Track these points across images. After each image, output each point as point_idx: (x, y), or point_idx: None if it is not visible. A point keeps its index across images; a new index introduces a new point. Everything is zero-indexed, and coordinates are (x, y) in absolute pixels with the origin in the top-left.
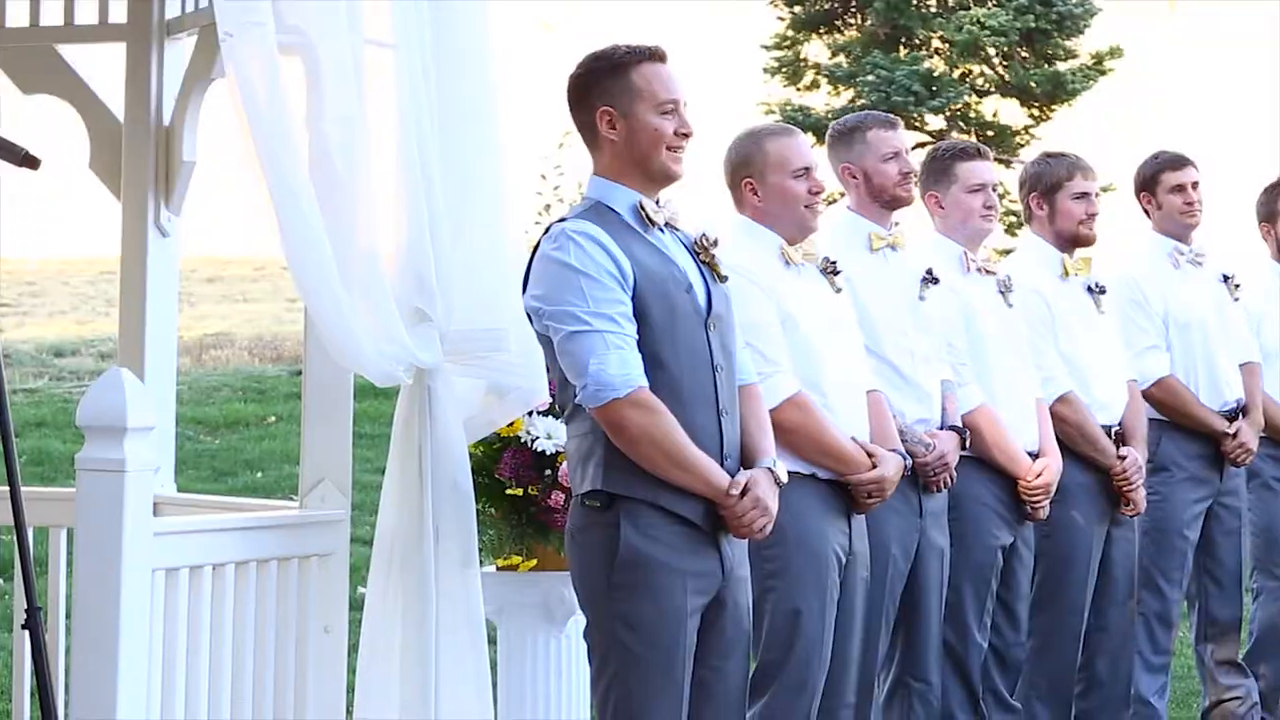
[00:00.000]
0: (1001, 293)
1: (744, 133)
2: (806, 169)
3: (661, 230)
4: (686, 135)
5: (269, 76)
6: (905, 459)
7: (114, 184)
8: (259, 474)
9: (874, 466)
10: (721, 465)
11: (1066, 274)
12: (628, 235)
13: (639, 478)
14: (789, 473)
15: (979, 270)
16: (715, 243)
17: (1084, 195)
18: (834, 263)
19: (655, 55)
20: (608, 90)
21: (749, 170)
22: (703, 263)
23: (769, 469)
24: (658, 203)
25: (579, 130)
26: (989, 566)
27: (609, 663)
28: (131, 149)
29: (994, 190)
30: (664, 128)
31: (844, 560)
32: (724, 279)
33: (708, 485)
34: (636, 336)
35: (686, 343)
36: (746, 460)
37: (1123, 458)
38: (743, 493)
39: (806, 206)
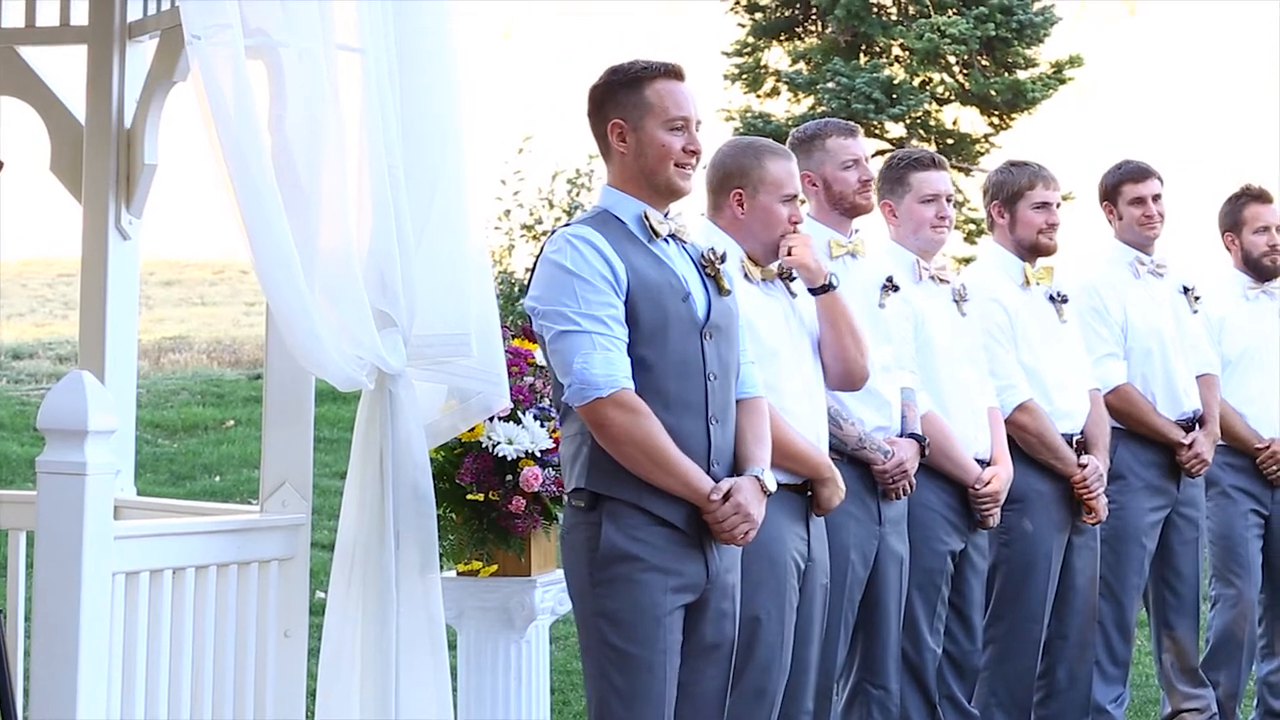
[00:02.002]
0: (956, 301)
1: (746, 144)
2: (794, 196)
3: (666, 241)
4: (694, 153)
5: (235, 79)
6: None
7: (75, 186)
8: (217, 478)
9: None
10: (708, 472)
11: (1028, 283)
12: (629, 243)
13: (623, 479)
14: None
15: (932, 279)
16: (723, 258)
17: (1044, 205)
18: (789, 270)
19: (671, 73)
20: (621, 103)
21: (743, 182)
22: (708, 275)
23: (756, 477)
24: (666, 215)
25: (595, 140)
26: (938, 572)
27: (594, 660)
28: (93, 151)
29: (948, 201)
30: (672, 144)
31: (803, 566)
32: (727, 293)
33: (688, 488)
34: (627, 340)
35: (678, 349)
36: (739, 469)
37: (1083, 466)
38: (725, 498)
39: (783, 235)
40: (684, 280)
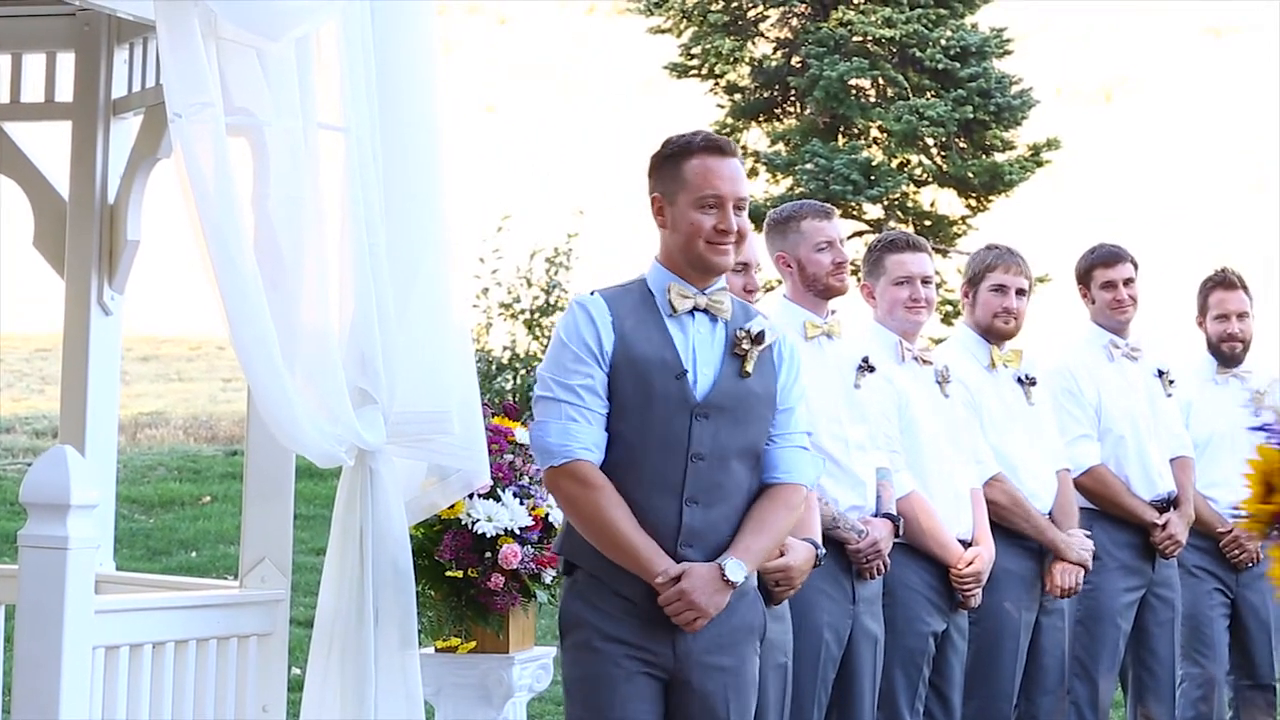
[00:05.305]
0: (939, 382)
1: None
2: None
3: (691, 316)
4: (725, 232)
5: (216, 156)
6: (819, 549)
7: (58, 261)
8: (193, 554)
9: (781, 555)
10: (676, 552)
11: (993, 365)
12: (641, 315)
13: (589, 550)
14: None
15: (915, 359)
16: (758, 338)
17: (1001, 288)
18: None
19: (714, 148)
20: (662, 178)
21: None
22: (735, 355)
23: (718, 565)
24: (704, 290)
25: None
26: (920, 653)
27: None
28: (76, 227)
29: (924, 283)
30: (701, 222)
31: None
32: (748, 375)
33: (639, 566)
34: (603, 412)
35: (659, 427)
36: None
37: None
38: (674, 582)
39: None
40: (685, 358)
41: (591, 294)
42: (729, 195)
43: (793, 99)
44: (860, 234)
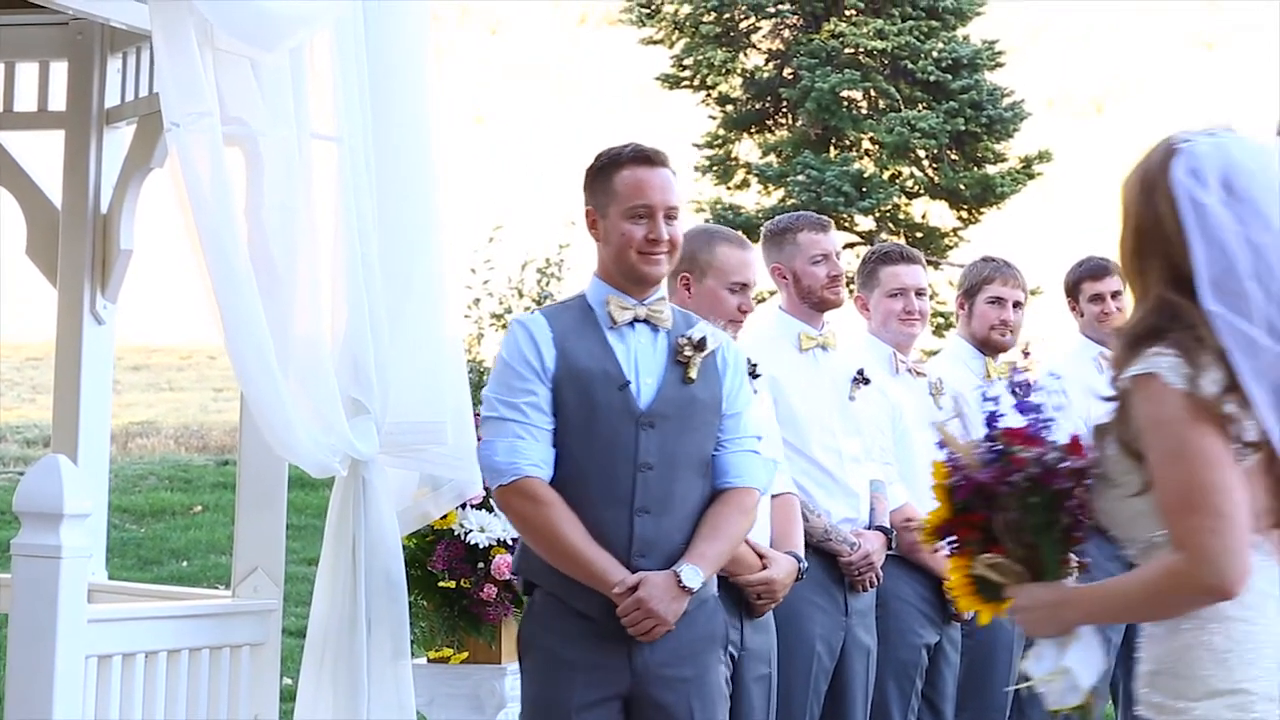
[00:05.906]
0: (932, 394)
1: (700, 230)
2: (744, 284)
3: (632, 327)
4: (656, 241)
5: (213, 165)
6: (801, 562)
7: (50, 271)
8: (184, 563)
9: (764, 568)
10: (630, 563)
11: (989, 377)
12: (581, 330)
13: (546, 569)
14: None
15: (909, 371)
16: (700, 344)
17: (998, 300)
18: (754, 365)
19: (643, 159)
20: (594, 190)
21: (690, 267)
22: (678, 362)
23: (674, 572)
24: (643, 301)
25: None
26: (913, 665)
27: None
28: (69, 236)
29: (918, 295)
30: (632, 233)
31: (736, 655)
32: (691, 381)
33: (593, 579)
34: (549, 428)
35: (605, 439)
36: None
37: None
38: (630, 592)
39: (729, 321)
40: (627, 368)
41: (532, 313)
42: (659, 205)
43: (784, 110)
44: (852, 246)
